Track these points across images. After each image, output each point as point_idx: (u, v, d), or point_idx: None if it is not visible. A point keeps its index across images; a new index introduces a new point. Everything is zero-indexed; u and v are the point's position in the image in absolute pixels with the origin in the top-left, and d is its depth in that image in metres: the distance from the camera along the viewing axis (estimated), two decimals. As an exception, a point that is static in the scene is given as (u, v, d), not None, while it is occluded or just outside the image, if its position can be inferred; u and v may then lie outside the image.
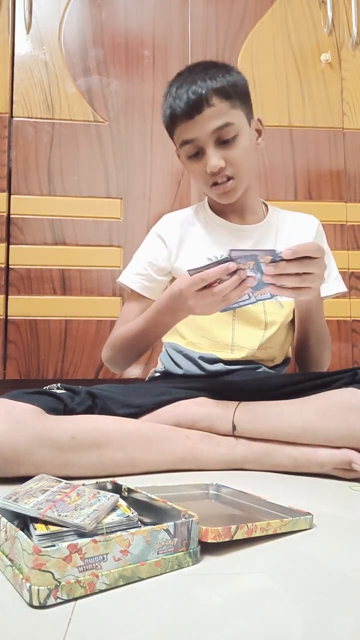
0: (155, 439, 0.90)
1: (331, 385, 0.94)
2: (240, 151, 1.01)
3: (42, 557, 0.43)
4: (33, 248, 1.53)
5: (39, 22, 1.58)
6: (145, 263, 1.13)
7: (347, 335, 1.62)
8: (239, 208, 1.12)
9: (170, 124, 1.03)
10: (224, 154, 1.00)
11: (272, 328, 1.08)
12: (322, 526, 0.63)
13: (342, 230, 1.64)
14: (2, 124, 1.54)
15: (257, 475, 0.90)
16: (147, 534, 0.49)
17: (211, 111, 0.97)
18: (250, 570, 0.51)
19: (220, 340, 1.08)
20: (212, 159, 0.99)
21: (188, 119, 0.99)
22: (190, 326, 1.10)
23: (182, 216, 1.18)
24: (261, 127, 1.08)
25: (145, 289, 1.12)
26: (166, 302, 0.96)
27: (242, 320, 1.08)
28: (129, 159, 1.60)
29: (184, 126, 1.00)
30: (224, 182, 1.02)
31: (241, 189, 1.06)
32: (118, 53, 1.61)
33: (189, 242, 1.13)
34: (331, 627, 0.40)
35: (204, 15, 1.65)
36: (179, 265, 1.11)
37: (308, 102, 1.67)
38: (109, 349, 1.14)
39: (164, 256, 1.12)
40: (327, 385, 0.95)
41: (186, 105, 0.98)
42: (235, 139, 1.00)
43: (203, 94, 0.97)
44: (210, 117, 0.98)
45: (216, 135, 0.99)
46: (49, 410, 0.85)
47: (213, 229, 1.13)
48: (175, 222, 1.16)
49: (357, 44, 1.69)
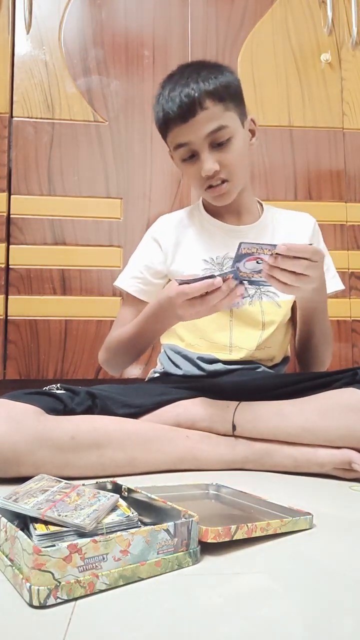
0: (155, 439, 0.90)
1: (331, 385, 0.94)
2: (234, 154, 1.00)
3: (42, 557, 0.43)
4: (33, 248, 1.53)
5: (39, 22, 1.58)
6: (141, 266, 1.13)
7: (347, 335, 1.62)
8: (234, 209, 1.12)
9: (164, 126, 1.02)
10: (219, 157, 0.99)
11: (270, 328, 1.09)
12: (322, 526, 0.63)
13: (342, 230, 1.64)
14: (2, 124, 1.54)
15: (257, 475, 0.90)
16: (147, 534, 0.49)
17: (205, 115, 0.97)
18: (250, 570, 0.51)
19: (218, 341, 1.08)
20: (206, 163, 0.99)
21: (182, 122, 0.98)
22: (189, 328, 1.10)
23: (177, 218, 1.17)
24: (255, 127, 1.07)
25: (142, 293, 1.12)
26: (154, 310, 0.97)
27: (239, 321, 1.08)
28: (129, 159, 1.60)
29: (177, 130, 0.99)
30: (218, 185, 1.02)
31: (236, 191, 1.06)
32: (118, 53, 1.61)
33: (184, 244, 1.12)
34: (331, 627, 0.40)
35: (204, 15, 1.65)
36: (175, 268, 1.11)
37: (308, 102, 1.67)
38: (105, 351, 1.14)
39: (159, 259, 1.12)
40: (327, 385, 0.95)
41: (179, 108, 0.97)
42: (230, 142, 0.99)
43: (196, 97, 0.95)
44: (204, 121, 0.97)
45: (210, 138, 0.98)
46: (49, 410, 0.85)
47: (208, 231, 1.13)
48: (170, 225, 1.16)
49: (357, 44, 1.69)
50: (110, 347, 1.12)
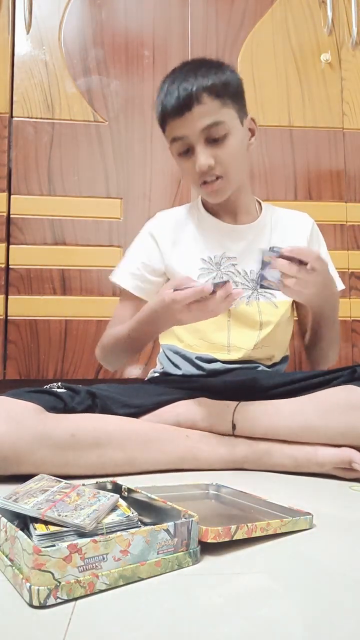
0: (156, 439, 0.90)
1: (330, 384, 0.94)
2: (230, 150, 1.00)
3: (42, 557, 0.43)
4: (33, 248, 1.53)
5: (39, 22, 1.58)
6: (138, 263, 1.12)
7: (347, 335, 1.62)
8: (231, 208, 1.12)
9: (162, 120, 1.03)
10: (214, 153, 0.99)
11: (267, 328, 1.09)
12: (322, 526, 0.63)
13: (342, 230, 1.64)
14: (2, 124, 1.54)
15: (257, 475, 0.90)
16: (147, 534, 0.49)
17: (201, 109, 0.97)
18: (250, 570, 0.51)
19: (216, 341, 1.08)
20: (200, 157, 0.98)
21: (178, 116, 0.98)
22: (187, 329, 1.10)
23: (175, 215, 1.17)
24: (254, 126, 1.07)
25: (140, 290, 1.11)
26: (149, 314, 0.96)
27: (237, 322, 1.08)
28: (129, 159, 1.60)
29: (173, 123, 1.00)
30: (212, 180, 1.02)
31: (230, 188, 1.05)
32: (118, 53, 1.61)
33: (181, 243, 1.12)
34: (331, 627, 0.40)
35: (204, 15, 1.65)
36: (172, 267, 1.10)
37: (308, 102, 1.67)
38: (100, 348, 1.14)
39: (157, 257, 1.12)
40: (326, 384, 0.95)
41: (176, 102, 0.97)
42: (226, 138, 0.99)
43: (193, 92, 0.96)
44: (200, 115, 0.97)
45: (206, 133, 0.98)
46: (49, 408, 0.85)
47: (206, 230, 1.13)
48: (168, 222, 1.16)
49: (357, 44, 1.69)
50: (107, 345, 1.11)
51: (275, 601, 0.44)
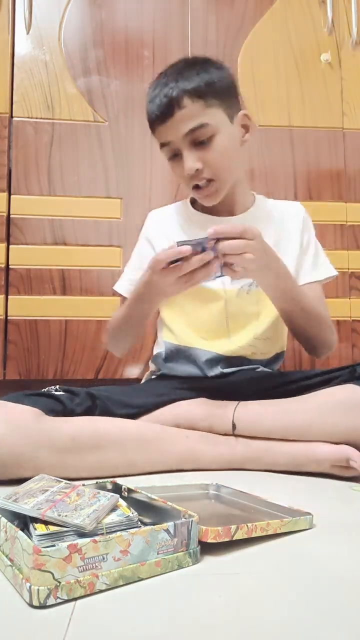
0: (155, 440, 0.90)
1: (330, 383, 0.94)
2: (217, 151, 0.98)
3: (42, 557, 0.43)
4: (33, 248, 1.53)
5: (39, 22, 1.58)
6: (138, 270, 1.12)
7: (347, 335, 1.62)
8: (228, 202, 1.10)
9: (150, 126, 1.02)
10: (201, 156, 0.98)
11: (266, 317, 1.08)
12: (322, 526, 0.63)
13: (342, 230, 1.64)
14: (2, 124, 1.54)
15: (257, 475, 0.90)
16: (147, 534, 0.49)
17: (183, 113, 0.95)
18: (250, 570, 0.51)
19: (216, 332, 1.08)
20: (187, 162, 0.97)
21: (161, 122, 0.98)
22: (185, 322, 1.10)
23: (166, 214, 1.18)
24: (248, 121, 1.04)
25: None
26: (141, 287, 0.97)
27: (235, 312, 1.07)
28: (129, 159, 1.60)
29: (159, 130, 0.99)
30: (205, 185, 1.00)
31: (224, 190, 1.04)
32: (118, 53, 1.61)
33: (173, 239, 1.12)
34: (331, 627, 0.40)
35: (204, 15, 1.65)
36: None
37: (308, 102, 1.66)
38: (106, 333, 1.17)
39: None
40: (326, 383, 0.95)
41: (158, 108, 0.97)
42: (212, 140, 0.97)
43: (174, 97, 0.95)
44: (183, 120, 0.96)
45: (190, 137, 0.97)
46: (48, 411, 0.85)
47: (194, 225, 1.12)
48: (160, 221, 1.17)
49: (357, 44, 1.69)
50: (110, 327, 1.14)
51: (275, 601, 0.44)
